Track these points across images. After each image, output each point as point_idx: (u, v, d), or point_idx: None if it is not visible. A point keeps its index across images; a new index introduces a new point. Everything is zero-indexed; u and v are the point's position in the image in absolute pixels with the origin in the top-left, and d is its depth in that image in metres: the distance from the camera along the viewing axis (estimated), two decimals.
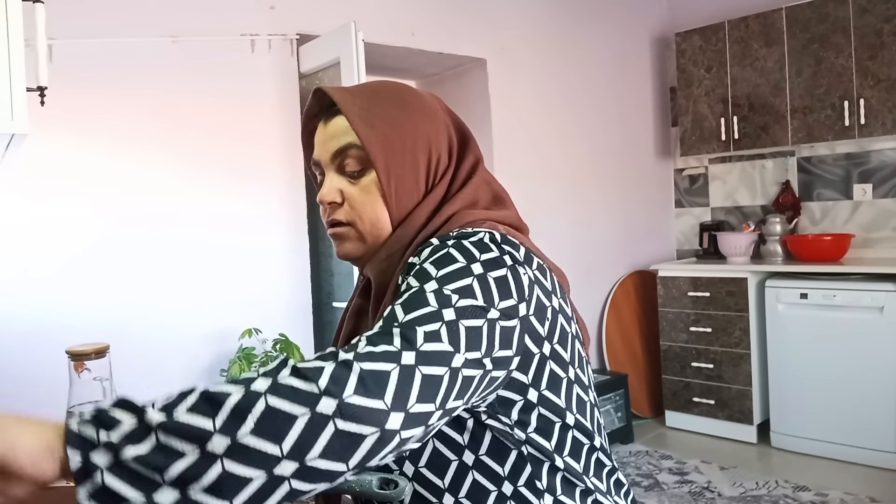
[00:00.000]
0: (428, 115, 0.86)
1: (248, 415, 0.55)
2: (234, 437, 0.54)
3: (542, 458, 0.77)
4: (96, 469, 0.53)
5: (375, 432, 0.57)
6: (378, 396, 0.58)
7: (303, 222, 2.81)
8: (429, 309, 0.66)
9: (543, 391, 0.77)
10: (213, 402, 0.56)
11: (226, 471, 0.53)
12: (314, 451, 0.55)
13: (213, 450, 0.54)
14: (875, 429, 3.13)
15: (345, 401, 0.56)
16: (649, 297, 4.14)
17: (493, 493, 0.76)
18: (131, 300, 2.39)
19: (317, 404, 0.56)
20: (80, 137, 2.32)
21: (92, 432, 0.54)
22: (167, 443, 0.54)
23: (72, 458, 0.53)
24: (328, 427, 0.56)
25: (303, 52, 2.80)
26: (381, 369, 0.59)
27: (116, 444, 0.53)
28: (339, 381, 0.57)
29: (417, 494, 0.77)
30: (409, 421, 0.60)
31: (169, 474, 0.53)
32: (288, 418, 0.55)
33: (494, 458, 0.76)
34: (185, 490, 0.53)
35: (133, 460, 0.53)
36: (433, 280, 0.70)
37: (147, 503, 0.52)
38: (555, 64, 3.77)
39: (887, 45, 3.26)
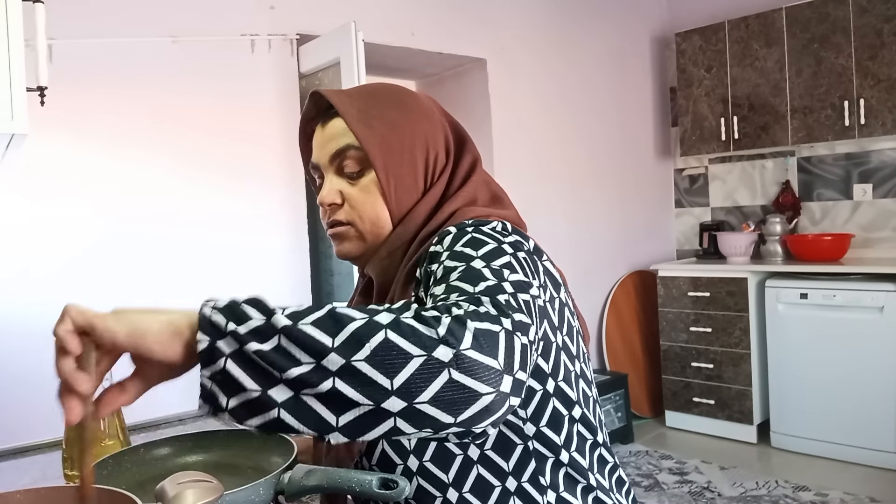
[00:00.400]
0: (424, 115, 0.86)
1: (366, 342, 0.56)
2: (348, 359, 0.55)
3: (548, 453, 0.77)
4: (221, 354, 0.56)
5: (491, 393, 0.57)
6: (492, 355, 0.57)
7: (303, 222, 2.81)
8: (491, 281, 0.66)
9: (560, 382, 0.77)
10: (338, 322, 0.57)
11: (336, 388, 0.55)
12: (424, 395, 0.55)
13: (328, 366, 0.55)
14: (875, 429, 3.13)
15: (462, 352, 0.56)
16: (649, 297, 4.14)
17: (498, 489, 0.76)
18: (131, 300, 2.38)
19: (434, 349, 0.56)
20: (79, 137, 2.32)
21: (221, 320, 0.57)
22: (288, 347, 0.56)
23: (200, 340, 0.56)
24: (442, 374, 0.56)
25: (303, 52, 2.80)
26: (490, 329, 0.59)
27: (242, 335, 0.56)
28: (456, 334, 0.57)
29: (421, 489, 0.77)
30: (516, 387, 0.59)
31: (287, 374, 0.55)
32: (404, 355, 0.56)
33: (500, 452, 0.76)
34: (299, 392, 0.55)
35: (255, 353, 0.55)
36: (477, 258, 0.70)
37: (262, 394, 0.55)
38: (554, 64, 3.77)
39: (887, 45, 3.26)
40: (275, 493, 0.78)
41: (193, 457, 0.94)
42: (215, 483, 0.72)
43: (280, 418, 0.56)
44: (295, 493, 0.78)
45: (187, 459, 0.93)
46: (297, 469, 0.79)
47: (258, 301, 0.59)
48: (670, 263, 4.05)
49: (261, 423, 0.56)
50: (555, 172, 3.76)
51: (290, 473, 0.78)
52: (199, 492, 0.70)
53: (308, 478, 0.77)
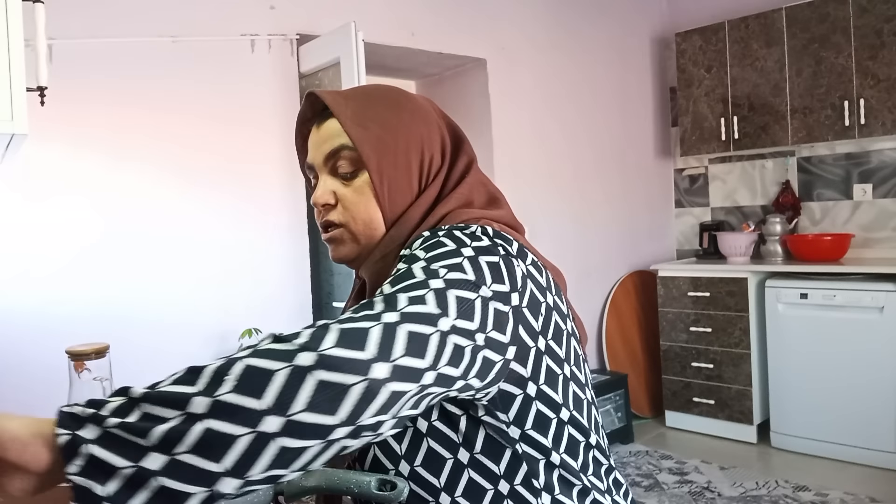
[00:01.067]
0: (420, 117, 0.86)
1: (227, 376, 0.55)
2: (213, 395, 0.54)
3: (538, 455, 0.77)
4: (83, 441, 0.53)
5: (362, 381, 0.56)
6: (358, 349, 0.58)
7: (303, 222, 2.81)
8: (415, 279, 0.66)
9: (542, 386, 0.76)
10: (195, 372, 0.57)
11: (209, 429, 0.53)
12: (297, 405, 0.54)
13: (195, 410, 0.54)
14: (875, 429, 3.13)
15: (323, 352, 0.56)
16: (649, 297, 4.14)
17: (490, 492, 0.76)
18: (131, 300, 2.39)
19: (294, 358, 0.56)
20: (79, 137, 2.32)
21: (79, 410, 0.55)
22: (151, 411, 0.54)
23: (60, 434, 0.54)
24: (309, 378, 0.55)
25: (303, 52, 2.80)
26: (359, 327, 0.59)
27: (103, 416, 0.54)
28: (316, 338, 0.57)
29: (414, 494, 0.77)
30: (398, 373, 0.58)
31: (153, 437, 0.53)
32: (266, 374, 0.55)
33: (489, 456, 0.76)
34: (172, 452, 0.53)
35: (117, 427, 0.53)
36: (421, 260, 0.70)
37: (136, 469, 0.52)
38: (555, 64, 3.77)
39: (887, 45, 3.26)
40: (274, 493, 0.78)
41: None
42: None
43: (163, 486, 0.52)
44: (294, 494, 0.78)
45: None
46: None
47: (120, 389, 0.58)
48: (670, 263, 4.05)
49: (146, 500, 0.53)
50: (554, 172, 3.76)
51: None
52: None
53: (307, 478, 0.77)
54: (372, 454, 0.78)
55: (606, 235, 4.05)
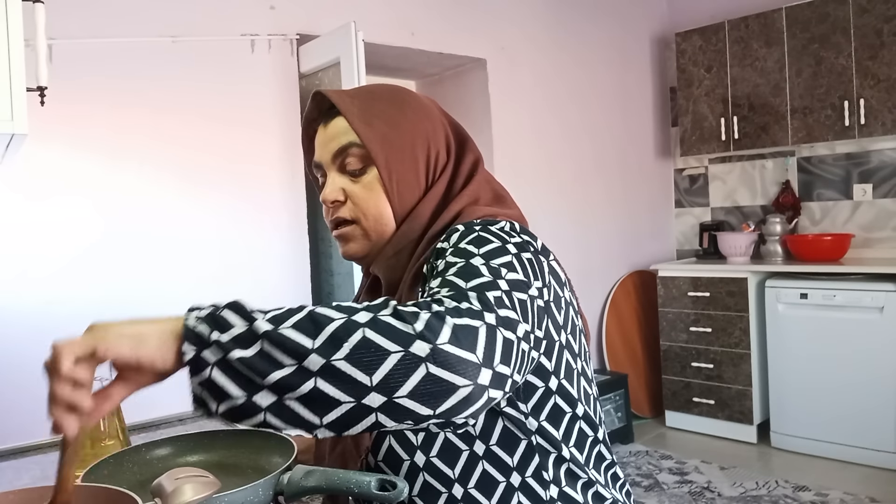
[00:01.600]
0: (425, 114, 0.88)
1: (344, 342, 0.58)
2: (328, 358, 0.57)
3: (550, 448, 0.78)
4: (207, 364, 0.58)
5: (468, 385, 0.58)
6: (470, 349, 0.59)
7: (303, 222, 2.81)
8: (486, 278, 0.67)
9: (562, 380, 0.78)
10: (317, 323, 0.59)
11: (318, 388, 0.57)
12: (403, 390, 0.57)
13: (309, 367, 0.57)
14: (875, 429, 3.13)
15: (438, 346, 0.58)
16: (649, 297, 4.14)
17: (502, 484, 0.77)
18: (131, 300, 2.38)
19: (411, 345, 0.58)
20: (79, 137, 2.32)
21: (205, 330, 0.59)
22: (270, 352, 0.58)
23: (186, 352, 0.58)
24: (420, 369, 0.57)
25: (303, 52, 2.80)
26: (470, 324, 0.60)
27: (225, 344, 0.58)
28: (433, 329, 0.58)
29: (427, 485, 0.78)
30: (496, 380, 0.61)
31: (268, 379, 0.57)
32: (382, 352, 0.57)
33: (504, 448, 0.77)
34: (282, 396, 0.58)
35: (238, 361, 0.57)
36: (477, 256, 0.71)
37: (247, 400, 0.58)
38: (554, 64, 3.77)
39: (887, 45, 3.26)
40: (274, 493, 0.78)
41: (194, 457, 0.94)
42: (211, 478, 0.72)
43: (267, 421, 0.58)
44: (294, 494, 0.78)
45: (188, 459, 0.93)
46: (297, 470, 0.79)
47: (240, 306, 0.61)
48: (670, 263, 4.05)
49: (251, 425, 0.59)
50: (555, 172, 3.76)
51: (290, 474, 0.79)
52: (196, 486, 0.70)
53: (307, 478, 0.77)
54: (387, 444, 0.79)
55: (607, 235, 4.05)
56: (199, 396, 0.59)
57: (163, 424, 1.40)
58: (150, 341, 0.59)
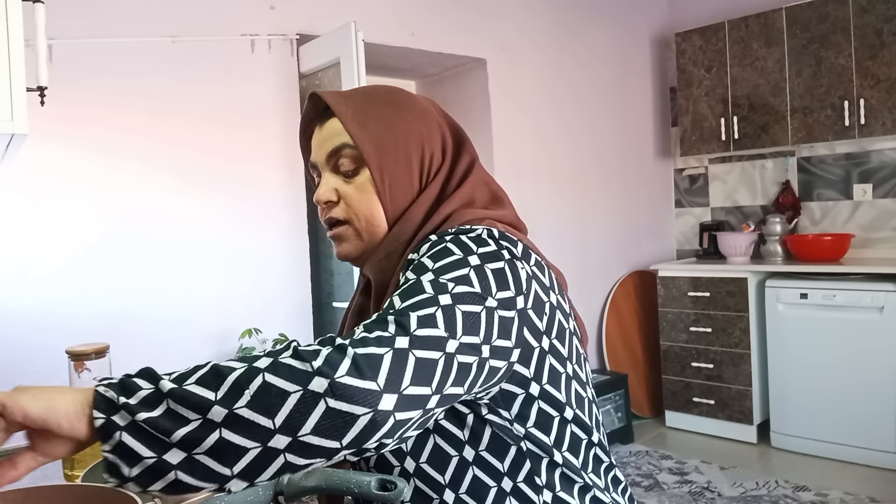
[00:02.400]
0: (420, 115, 0.87)
1: (245, 389, 0.59)
2: (231, 408, 0.58)
3: (542, 453, 0.78)
4: (116, 428, 0.58)
5: (368, 412, 0.59)
6: (370, 378, 0.60)
7: (303, 222, 2.81)
8: (424, 296, 0.68)
9: (545, 385, 0.78)
10: (218, 375, 0.60)
11: (223, 439, 0.58)
12: (306, 428, 0.58)
13: (213, 418, 0.58)
14: (875, 429, 3.13)
15: (336, 380, 0.59)
16: (649, 297, 4.14)
17: (493, 489, 0.76)
18: (131, 300, 2.39)
19: (309, 383, 0.59)
20: (79, 137, 2.32)
21: (114, 395, 0.60)
22: (175, 409, 0.59)
23: (97, 417, 0.59)
24: (319, 405, 0.58)
25: (303, 52, 2.80)
26: (373, 353, 0.61)
27: (133, 406, 0.59)
28: (332, 363, 0.60)
29: (419, 491, 0.77)
30: (404, 403, 0.61)
31: (175, 436, 0.58)
32: (281, 394, 0.58)
33: (494, 453, 0.77)
34: (190, 452, 0.58)
35: (145, 422, 0.58)
36: (430, 271, 0.72)
37: (157, 460, 0.58)
38: (555, 64, 3.77)
39: (887, 45, 3.26)
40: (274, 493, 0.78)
41: None
42: None
43: (179, 480, 0.59)
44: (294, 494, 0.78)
45: None
46: None
47: (149, 372, 0.62)
48: (670, 263, 4.05)
49: (163, 487, 0.59)
50: (554, 172, 3.76)
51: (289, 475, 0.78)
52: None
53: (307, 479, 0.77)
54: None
55: (606, 235, 4.05)
56: (112, 463, 0.59)
57: None
58: (60, 406, 0.60)
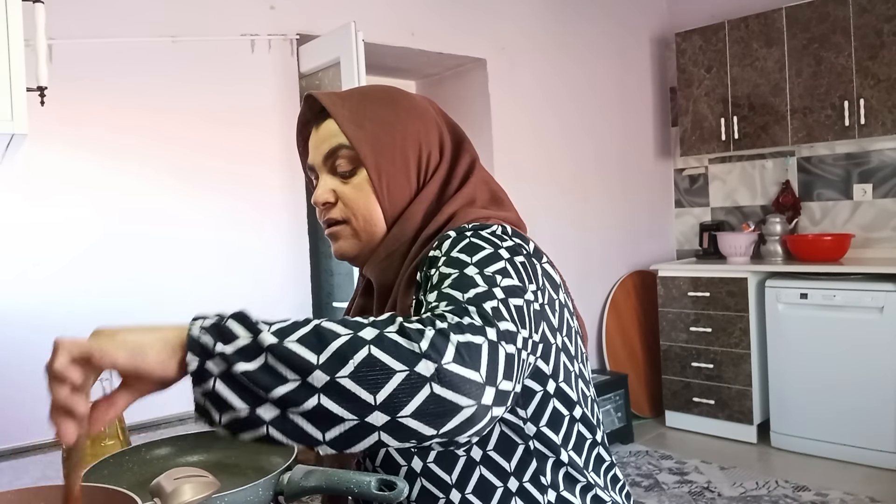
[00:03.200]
0: (417, 114, 0.87)
1: (349, 359, 0.57)
2: (333, 375, 0.56)
3: (548, 453, 0.78)
4: (210, 375, 0.57)
5: (472, 406, 0.58)
6: (474, 368, 0.58)
7: (303, 222, 2.81)
8: (482, 288, 0.67)
9: (560, 383, 0.78)
10: (322, 338, 0.58)
11: (321, 405, 0.56)
12: (407, 409, 0.57)
13: (313, 383, 0.56)
14: (875, 429, 3.13)
15: (444, 366, 0.57)
16: (649, 297, 4.14)
17: (500, 489, 0.77)
18: (131, 300, 2.38)
19: (416, 364, 0.57)
20: (79, 138, 2.32)
21: (209, 341, 0.58)
22: (274, 365, 0.57)
23: (190, 362, 0.58)
24: (424, 388, 0.57)
25: (303, 52, 2.80)
26: (473, 342, 0.60)
27: (229, 356, 0.57)
28: (438, 348, 0.58)
29: (424, 490, 0.78)
30: (499, 398, 0.60)
31: (272, 394, 0.57)
32: (387, 371, 0.57)
33: (502, 453, 0.77)
34: (285, 410, 0.57)
35: (242, 374, 0.57)
36: (471, 265, 0.71)
37: (250, 413, 0.57)
38: (555, 64, 3.77)
39: (887, 45, 3.26)
40: (274, 493, 0.79)
41: (194, 457, 0.94)
42: (211, 478, 0.72)
43: (269, 434, 0.58)
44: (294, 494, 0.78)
45: (187, 459, 0.93)
46: (297, 470, 0.79)
47: (244, 317, 0.60)
48: (670, 263, 4.05)
49: (253, 438, 0.58)
50: (554, 173, 3.76)
51: (290, 474, 0.79)
52: (196, 486, 0.70)
53: (307, 478, 0.78)
54: (385, 450, 0.79)
55: (606, 235, 4.05)
56: (201, 406, 0.58)
57: (163, 424, 1.40)
58: (150, 351, 0.58)
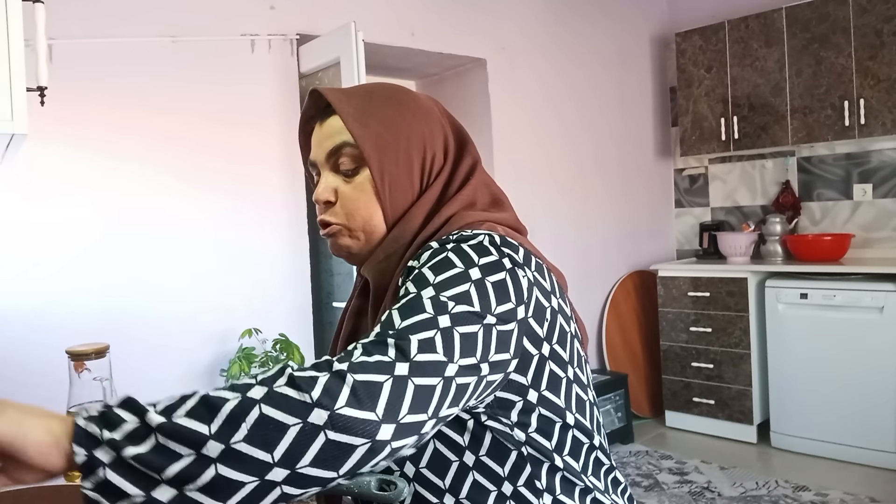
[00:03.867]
0: (422, 115, 0.86)
1: (242, 422, 0.56)
2: (227, 443, 0.56)
3: (542, 458, 0.77)
4: (99, 464, 0.55)
5: (366, 443, 0.58)
6: (369, 408, 0.59)
7: (303, 222, 2.81)
8: (424, 316, 0.67)
9: (543, 392, 0.77)
10: (211, 407, 0.57)
11: (219, 474, 0.55)
12: (305, 460, 0.57)
13: (208, 454, 0.55)
14: (875, 429, 3.13)
15: (336, 412, 0.57)
16: (649, 297, 4.14)
17: (493, 494, 0.76)
18: (131, 300, 2.39)
19: (309, 415, 0.57)
20: (79, 138, 2.32)
21: (96, 429, 0.56)
22: (165, 444, 0.56)
23: (77, 453, 0.55)
24: (319, 437, 0.57)
25: (303, 52, 2.80)
26: (373, 380, 0.60)
27: (118, 441, 0.56)
28: (331, 393, 0.58)
29: (418, 495, 0.77)
30: (400, 431, 0.60)
31: (166, 474, 0.55)
32: (280, 427, 0.56)
33: (495, 458, 0.76)
34: (182, 489, 0.55)
35: (133, 458, 0.55)
36: (430, 286, 0.70)
37: (146, 499, 0.55)
38: (555, 64, 3.77)
39: (887, 45, 3.26)
40: None
41: None
42: None
43: None
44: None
45: None
46: None
47: (130, 401, 0.59)
48: (670, 263, 4.05)
49: None
50: (554, 173, 3.76)
51: None
52: None
53: None
54: None
55: (606, 235, 4.05)
56: (93, 501, 0.55)
57: None
58: (33, 432, 0.57)
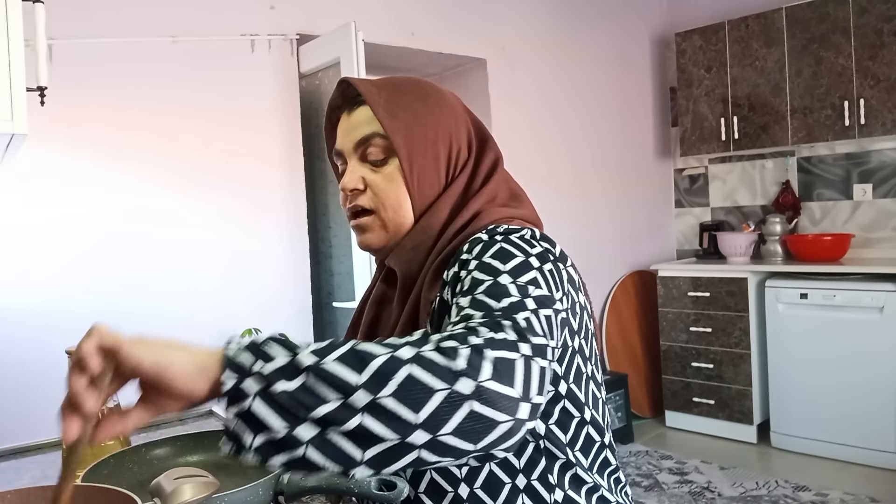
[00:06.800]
0: (448, 109, 0.88)
1: (390, 379, 0.56)
2: (375, 395, 0.56)
3: (558, 453, 0.79)
4: (247, 394, 0.56)
5: (509, 421, 0.58)
6: (510, 384, 0.59)
7: (303, 223, 2.81)
8: (515, 298, 0.68)
9: (571, 384, 0.79)
10: (361, 358, 0.58)
11: (363, 425, 0.56)
12: (447, 427, 0.57)
13: (355, 402, 0.56)
14: (875, 429, 3.13)
15: (481, 384, 0.58)
16: (649, 297, 4.14)
17: (507, 486, 0.77)
18: (131, 300, 2.38)
19: (455, 382, 0.57)
20: (79, 138, 2.32)
21: (247, 359, 0.57)
22: (314, 385, 0.56)
23: (226, 380, 0.56)
24: (464, 406, 0.57)
25: (303, 52, 2.80)
26: (507, 357, 0.60)
27: (268, 374, 0.56)
28: (474, 365, 0.58)
29: (434, 483, 0.78)
30: (533, 411, 0.61)
31: (313, 413, 0.55)
32: (427, 390, 0.57)
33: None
34: (325, 430, 0.56)
35: (281, 393, 0.56)
36: (504, 273, 0.71)
37: (289, 433, 0.55)
38: (555, 64, 3.77)
39: (887, 45, 3.26)
40: (274, 493, 0.79)
41: (194, 457, 0.94)
42: (211, 478, 0.72)
43: (306, 456, 0.56)
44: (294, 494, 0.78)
45: (188, 459, 0.93)
46: None
47: (281, 339, 0.60)
48: (670, 263, 4.05)
49: (286, 461, 0.56)
50: (555, 173, 3.75)
51: (290, 474, 0.79)
52: (196, 486, 0.70)
53: (307, 478, 0.78)
54: None
55: (606, 235, 4.05)
56: (231, 430, 0.57)
57: (163, 424, 1.40)
58: (178, 362, 0.57)
